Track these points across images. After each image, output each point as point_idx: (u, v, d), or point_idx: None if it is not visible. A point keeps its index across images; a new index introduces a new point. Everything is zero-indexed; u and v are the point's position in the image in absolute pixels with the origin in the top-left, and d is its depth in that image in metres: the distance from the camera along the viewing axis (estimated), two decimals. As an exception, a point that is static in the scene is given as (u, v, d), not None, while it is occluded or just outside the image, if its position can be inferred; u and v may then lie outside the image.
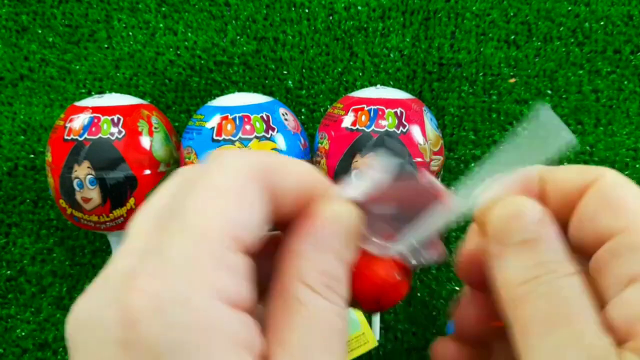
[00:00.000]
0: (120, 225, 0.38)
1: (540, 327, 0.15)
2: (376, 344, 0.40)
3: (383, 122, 0.36)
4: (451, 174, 0.44)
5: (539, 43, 0.44)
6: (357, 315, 0.40)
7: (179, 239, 0.14)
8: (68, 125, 0.38)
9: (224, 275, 0.14)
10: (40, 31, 0.47)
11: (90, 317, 0.14)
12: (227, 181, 0.15)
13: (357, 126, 0.37)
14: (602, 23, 0.44)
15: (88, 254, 0.45)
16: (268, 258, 0.18)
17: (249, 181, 0.15)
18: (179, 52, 0.46)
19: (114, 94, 0.41)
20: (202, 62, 0.46)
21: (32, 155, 0.46)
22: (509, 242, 0.17)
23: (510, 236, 0.17)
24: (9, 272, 0.45)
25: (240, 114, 0.37)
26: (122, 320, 0.13)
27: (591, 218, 0.17)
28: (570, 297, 0.16)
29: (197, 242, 0.14)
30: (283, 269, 0.16)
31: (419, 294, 0.44)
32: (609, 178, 0.17)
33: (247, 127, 0.37)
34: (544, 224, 0.17)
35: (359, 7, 0.45)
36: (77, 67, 0.46)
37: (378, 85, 0.41)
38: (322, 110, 0.45)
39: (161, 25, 0.46)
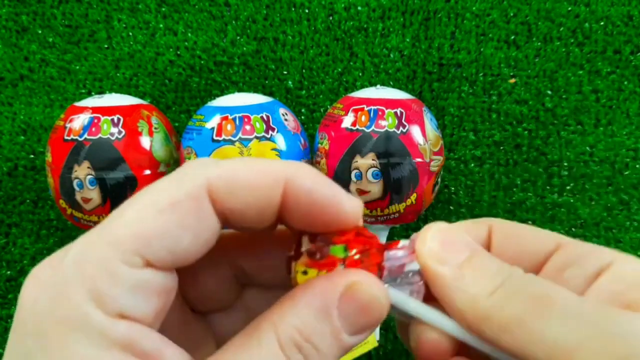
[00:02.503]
0: (120, 225, 0.38)
1: (526, 320, 0.15)
2: (376, 344, 0.40)
3: (383, 123, 0.36)
4: (451, 174, 0.44)
5: (539, 43, 0.44)
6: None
7: (87, 239, 0.14)
8: (68, 125, 0.38)
9: (111, 286, 0.14)
10: (40, 31, 0.47)
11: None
12: (167, 194, 0.14)
13: (357, 126, 0.37)
14: (602, 23, 0.44)
15: (88, 254, 0.45)
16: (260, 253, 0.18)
17: (191, 198, 0.14)
18: (179, 53, 0.46)
19: (114, 94, 0.41)
20: (202, 62, 0.46)
21: (32, 156, 0.46)
22: (455, 262, 0.17)
23: (455, 255, 0.17)
24: (9, 272, 0.45)
25: (240, 114, 0.37)
26: (20, 299, 0.14)
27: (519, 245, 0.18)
28: (539, 284, 0.16)
29: (101, 248, 0.14)
30: (271, 309, 0.15)
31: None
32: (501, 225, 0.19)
33: (247, 127, 0.37)
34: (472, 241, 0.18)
35: (359, 7, 0.45)
36: (77, 67, 0.46)
37: (378, 86, 0.41)
38: (322, 110, 0.45)
39: (161, 25, 0.46)
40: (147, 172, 0.38)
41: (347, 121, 0.37)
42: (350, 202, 0.16)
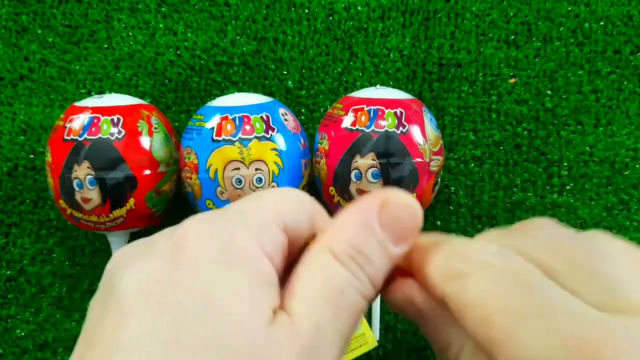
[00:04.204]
0: (120, 225, 0.38)
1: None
2: (376, 344, 0.40)
3: (383, 122, 0.36)
4: (451, 174, 0.44)
5: (539, 43, 0.44)
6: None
7: (249, 204, 0.19)
8: (68, 125, 0.38)
9: (267, 235, 0.18)
10: (40, 31, 0.47)
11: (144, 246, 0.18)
12: (292, 196, 0.20)
13: (357, 126, 0.37)
14: (602, 23, 0.44)
15: (88, 254, 0.45)
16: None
17: (304, 203, 0.20)
18: (179, 52, 0.46)
19: (113, 94, 0.41)
20: (202, 62, 0.46)
21: (32, 156, 0.46)
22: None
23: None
24: (8, 272, 0.45)
25: (240, 114, 0.37)
26: (174, 237, 0.17)
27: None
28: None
29: (261, 210, 0.18)
30: (318, 238, 0.19)
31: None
32: None
33: (247, 127, 0.37)
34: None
35: (359, 7, 0.45)
36: (77, 67, 0.46)
37: (378, 86, 0.41)
38: (322, 110, 0.45)
39: (161, 25, 0.46)
40: (147, 172, 0.38)
41: (347, 121, 0.37)
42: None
